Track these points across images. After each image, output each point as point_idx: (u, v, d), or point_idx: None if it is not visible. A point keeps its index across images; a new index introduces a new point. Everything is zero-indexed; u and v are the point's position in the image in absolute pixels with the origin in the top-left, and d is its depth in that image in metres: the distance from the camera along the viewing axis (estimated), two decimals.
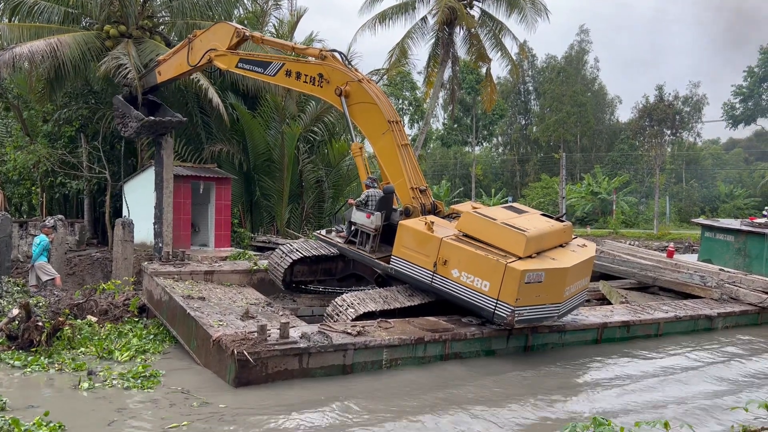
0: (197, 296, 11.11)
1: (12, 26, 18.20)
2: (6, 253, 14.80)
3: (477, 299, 9.99)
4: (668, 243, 35.80)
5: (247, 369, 8.34)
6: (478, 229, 10.41)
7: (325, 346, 8.78)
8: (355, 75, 12.60)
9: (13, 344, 10.09)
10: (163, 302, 11.53)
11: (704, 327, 13.11)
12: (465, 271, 10.10)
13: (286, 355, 8.56)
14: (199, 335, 9.66)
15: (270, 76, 13.43)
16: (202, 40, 14.30)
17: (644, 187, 60.74)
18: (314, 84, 12.81)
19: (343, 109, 12.41)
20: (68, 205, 21.51)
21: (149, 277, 12.41)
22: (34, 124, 21.36)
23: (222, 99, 19.25)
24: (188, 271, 12.73)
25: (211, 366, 9.16)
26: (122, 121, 16.22)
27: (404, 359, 9.52)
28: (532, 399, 8.39)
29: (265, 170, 21.64)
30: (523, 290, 9.59)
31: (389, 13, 29.17)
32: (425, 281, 10.65)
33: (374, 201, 11.80)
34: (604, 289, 15.45)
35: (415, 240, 10.81)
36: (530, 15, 28.70)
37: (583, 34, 72.40)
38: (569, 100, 65.79)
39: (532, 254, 9.99)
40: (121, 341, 10.67)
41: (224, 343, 8.59)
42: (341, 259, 13.08)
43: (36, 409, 7.37)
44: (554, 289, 10.09)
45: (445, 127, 69.24)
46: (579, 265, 10.70)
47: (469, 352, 10.15)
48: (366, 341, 9.11)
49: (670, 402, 8.44)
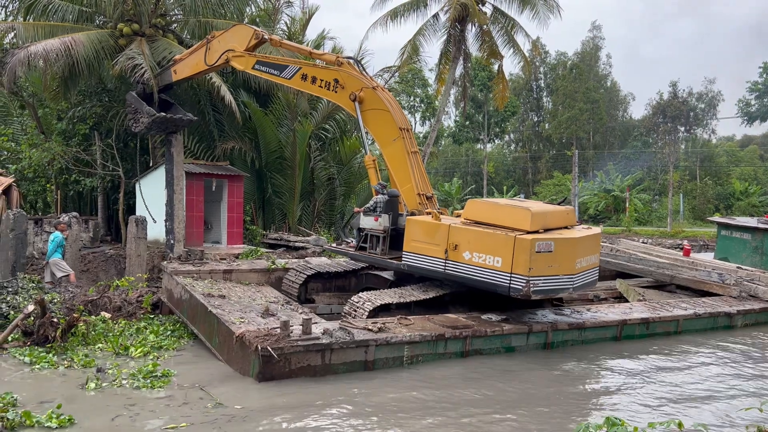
0: (217, 294, 11.24)
1: (27, 25, 18.33)
2: (21, 250, 14.92)
3: (491, 277, 10.22)
4: (682, 241, 35.48)
5: (271, 364, 8.44)
6: (483, 214, 10.83)
7: (348, 342, 8.90)
8: (369, 82, 12.97)
9: (29, 340, 10.19)
10: (183, 301, 11.63)
11: (724, 324, 13.01)
12: (476, 252, 10.38)
13: (309, 351, 8.67)
14: (221, 332, 9.75)
15: (286, 79, 13.74)
16: (221, 41, 14.54)
17: (658, 184, 60.23)
18: (329, 89, 13.13)
19: (356, 114, 12.75)
20: (82, 202, 21.66)
21: (169, 275, 12.54)
22: (48, 122, 21.52)
23: (234, 97, 19.29)
24: (207, 270, 12.93)
25: (234, 362, 9.23)
26: (134, 117, 16.40)
27: (425, 355, 9.59)
28: (549, 398, 8.34)
29: (277, 168, 21.66)
30: (535, 260, 9.86)
31: (401, 10, 29.05)
32: (438, 270, 10.90)
33: (381, 205, 12.34)
34: (621, 287, 15.34)
35: (424, 231, 11.18)
36: (542, 12, 28.45)
37: (595, 30, 71.96)
38: (582, 97, 65.33)
39: (539, 229, 10.26)
40: (137, 337, 10.72)
41: (248, 339, 8.70)
42: (354, 275, 13.49)
43: (48, 404, 7.41)
44: (566, 259, 10.33)
45: (457, 124, 69.02)
46: (587, 239, 11.07)
47: (489, 349, 10.19)
48: (387, 338, 9.22)
49: (685, 401, 8.36)
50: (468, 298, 11.90)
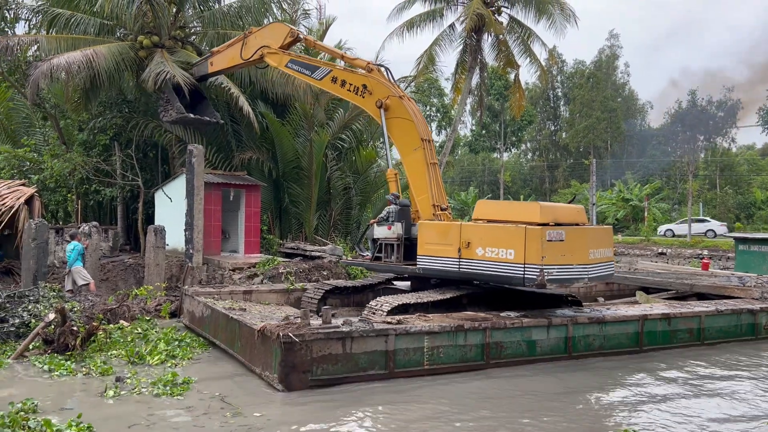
0: (238, 308, 11.42)
1: (50, 38, 18.70)
2: (43, 259, 15.15)
3: (505, 269, 10.46)
4: (702, 251, 35.04)
5: (293, 352, 8.57)
6: (493, 212, 11.28)
7: (368, 331, 9.06)
8: (396, 91, 13.27)
9: (49, 348, 10.32)
10: (205, 318, 11.85)
11: (747, 322, 12.87)
12: (489, 246, 10.67)
13: (330, 339, 8.81)
14: (242, 335, 9.97)
15: (316, 79, 14.21)
16: (257, 37, 15.37)
17: (677, 193, 59.60)
18: (357, 93, 13.49)
19: (381, 120, 13.06)
20: (102, 212, 21.95)
21: (190, 297, 12.78)
22: (70, 133, 21.88)
23: (252, 107, 19.50)
24: (227, 291, 13.21)
25: (256, 360, 9.38)
26: (164, 107, 17.60)
27: (445, 347, 9.66)
28: (566, 409, 8.27)
29: (294, 177, 21.80)
30: (547, 248, 10.09)
31: (417, 20, 29.17)
32: (453, 269, 11.13)
33: (394, 215, 12.67)
34: (641, 298, 15.21)
35: (436, 233, 11.50)
36: (559, 21, 28.39)
37: (613, 39, 71.67)
38: (599, 106, 64.98)
39: (549, 222, 10.48)
40: (149, 345, 10.70)
41: (269, 330, 8.91)
42: (371, 289, 13.72)
43: (67, 411, 7.49)
44: (578, 249, 10.58)
45: (473, 133, 68.94)
46: (598, 230, 11.62)
47: (509, 342, 10.20)
48: (407, 327, 9.38)
49: (701, 415, 8.22)
50: (485, 299, 12.00)
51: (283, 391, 8.53)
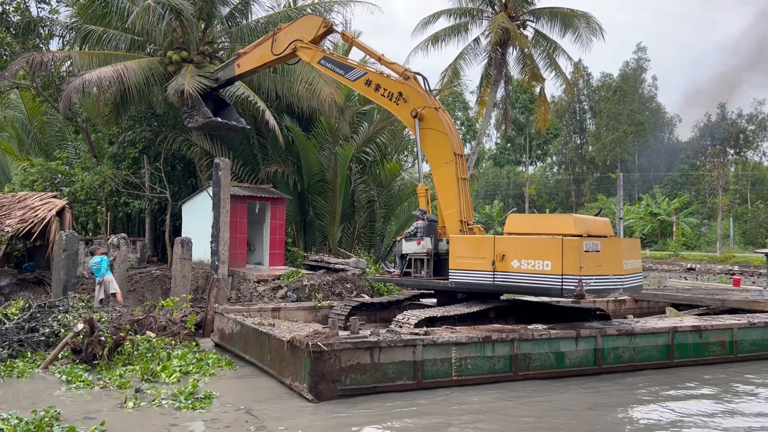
0: (267, 324, 11.50)
1: (82, 54, 19.17)
2: (72, 270, 15.42)
3: (542, 281, 10.45)
4: (732, 266, 34.32)
5: (322, 361, 8.60)
6: (525, 225, 11.35)
7: (395, 341, 9.08)
8: (432, 102, 13.06)
9: (78, 358, 10.47)
10: (234, 334, 11.95)
11: None
12: (525, 259, 10.66)
13: (358, 348, 8.85)
14: (272, 347, 10.05)
15: (350, 80, 13.81)
16: (288, 33, 14.82)
17: (706, 208, 58.51)
18: (391, 100, 13.22)
19: (415, 131, 12.88)
20: (130, 223, 22.30)
21: (220, 315, 12.89)
22: (100, 146, 22.33)
23: (278, 121, 19.69)
24: (256, 308, 13.34)
25: (286, 371, 9.43)
26: (189, 113, 17.14)
27: (473, 359, 9.61)
28: (595, 424, 8.11)
29: (319, 190, 21.92)
30: (584, 259, 10.14)
31: (442, 35, 29.27)
32: (487, 283, 11.10)
33: (422, 230, 12.57)
34: (671, 314, 14.92)
35: (469, 247, 11.46)
36: (585, 35, 28.23)
37: (640, 52, 71.05)
38: (626, 119, 64.30)
39: (583, 234, 10.55)
40: (164, 362, 10.55)
41: (298, 340, 8.97)
42: (398, 305, 13.67)
43: (90, 420, 7.55)
44: (613, 259, 10.67)
45: (498, 146, 68.71)
46: (628, 242, 11.94)
47: (538, 354, 10.11)
48: (434, 338, 9.39)
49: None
50: (513, 313, 11.91)
51: (313, 401, 8.54)
